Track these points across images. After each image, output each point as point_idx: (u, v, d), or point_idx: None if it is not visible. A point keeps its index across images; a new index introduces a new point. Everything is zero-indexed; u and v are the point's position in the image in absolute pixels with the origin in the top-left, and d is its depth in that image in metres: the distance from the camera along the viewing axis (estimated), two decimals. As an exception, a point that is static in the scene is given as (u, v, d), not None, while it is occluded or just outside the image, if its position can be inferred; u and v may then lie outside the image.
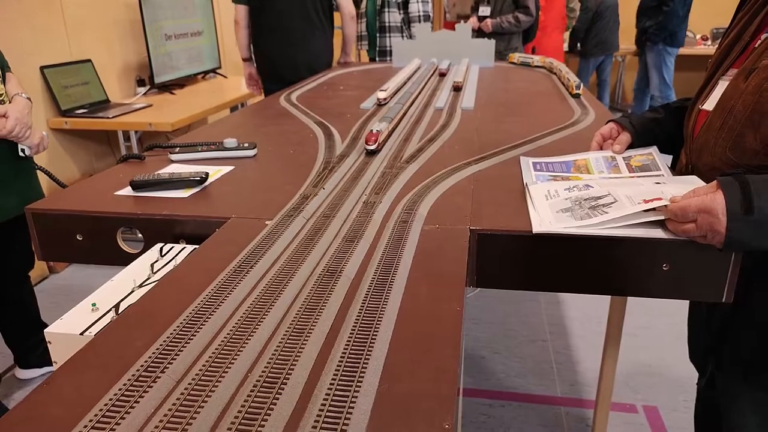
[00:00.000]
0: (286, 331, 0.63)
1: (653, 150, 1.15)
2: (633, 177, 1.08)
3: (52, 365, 2.14)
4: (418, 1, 3.78)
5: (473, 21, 4.17)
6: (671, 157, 1.19)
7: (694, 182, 0.95)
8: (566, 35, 5.38)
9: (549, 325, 2.39)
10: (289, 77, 2.82)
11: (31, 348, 2.04)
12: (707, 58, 1.09)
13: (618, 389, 1.91)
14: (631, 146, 1.17)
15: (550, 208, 0.94)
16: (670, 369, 2.09)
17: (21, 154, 1.70)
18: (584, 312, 2.46)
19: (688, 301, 1.31)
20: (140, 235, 1.01)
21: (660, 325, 2.34)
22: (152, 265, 0.87)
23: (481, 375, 2.09)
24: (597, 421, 1.72)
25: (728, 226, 0.78)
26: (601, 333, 1.70)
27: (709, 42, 5.99)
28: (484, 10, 4.17)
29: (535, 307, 2.51)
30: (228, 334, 0.63)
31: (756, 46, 0.93)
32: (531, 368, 2.12)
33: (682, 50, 5.62)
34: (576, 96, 2.03)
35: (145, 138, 3.12)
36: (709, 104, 0.98)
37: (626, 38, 5.78)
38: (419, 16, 3.77)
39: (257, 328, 0.64)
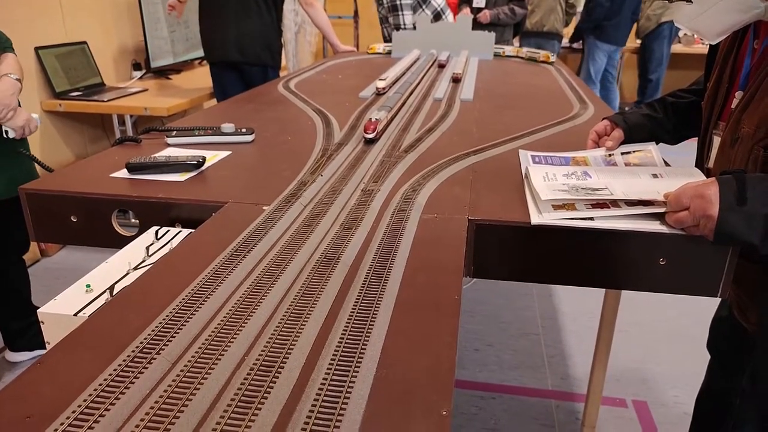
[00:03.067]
0: (284, 316, 0.63)
1: (652, 147, 1.15)
2: (631, 166, 1.08)
3: (41, 348, 2.12)
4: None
5: (466, 12, 4.15)
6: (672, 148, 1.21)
7: (693, 174, 0.95)
8: (567, 30, 5.34)
9: (541, 319, 2.40)
10: (219, 57, 2.73)
11: (21, 331, 2.03)
12: (704, 57, 1.10)
13: (608, 384, 1.92)
14: (624, 142, 1.17)
15: (547, 188, 0.94)
16: (660, 365, 2.11)
17: (5, 135, 1.68)
18: (576, 307, 2.47)
19: (679, 298, 1.31)
20: (134, 220, 1.00)
21: (650, 322, 2.36)
22: (147, 248, 0.86)
23: (474, 367, 2.09)
24: (587, 414, 1.73)
25: (720, 215, 0.79)
26: (593, 328, 1.70)
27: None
28: (479, 2, 4.15)
29: (528, 301, 2.52)
30: (224, 317, 0.63)
31: (733, 107, 0.96)
32: (523, 361, 2.13)
33: (681, 48, 5.63)
34: (551, 63, 2.48)
35: (140, 123, 3.09)
36: (711, 161, 1.01)
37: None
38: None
39: (254, 312, 0.63)
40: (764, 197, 0.78)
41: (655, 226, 0.86)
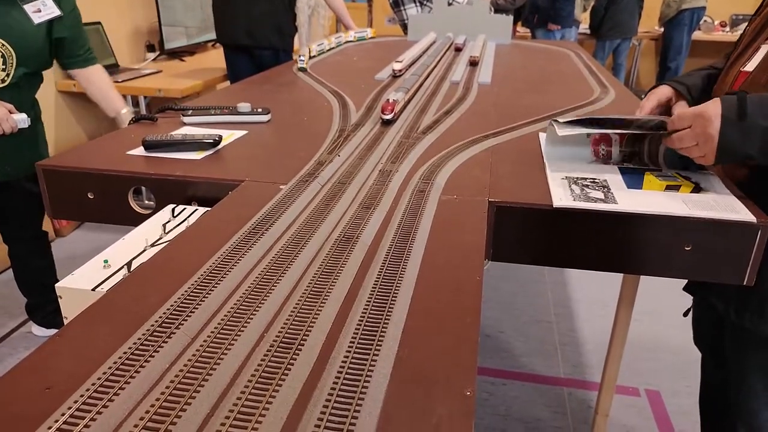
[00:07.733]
0: (303, 293, 0.62)
1: None
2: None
3: (58, 328, 2.11)
4: None
5: None
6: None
7: None
8: (585, 15, 5.26)
9: (554, 306, 2.38)
10: (229, 40, 2.72)
11: (38, 306, 2.06)
12: (725, 45, 1.07)
13: (621, 372, 1.90)
14: None
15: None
16: (673, 354, 2.09)
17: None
18: (590, 295, 2.45)
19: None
20: (147, 201, 0.99)
21: (663, 310, 2.33)
22: (164, 226, 0.85)
23: (485, 353, 2.09)
24: (601, 402, 1.71)
25: (721, 130, 0.79)
26: (606, 316, 1.68)
27: (728, 28, 5.87)
28: None
29: (542, 288, 2.50)
30: (243, 293, 0.62)
31: None
32: (535, 348, 2.12)
33: (700, 35, 5.51)
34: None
35: (154, 104, 3.08)
36: (751, 66, 0.97)
37: (646, 21, 5.66)
38: None
39: (273, 289, 0.62)
40: (765, 110, 0.78)
41: (680, 210, 0.84)
